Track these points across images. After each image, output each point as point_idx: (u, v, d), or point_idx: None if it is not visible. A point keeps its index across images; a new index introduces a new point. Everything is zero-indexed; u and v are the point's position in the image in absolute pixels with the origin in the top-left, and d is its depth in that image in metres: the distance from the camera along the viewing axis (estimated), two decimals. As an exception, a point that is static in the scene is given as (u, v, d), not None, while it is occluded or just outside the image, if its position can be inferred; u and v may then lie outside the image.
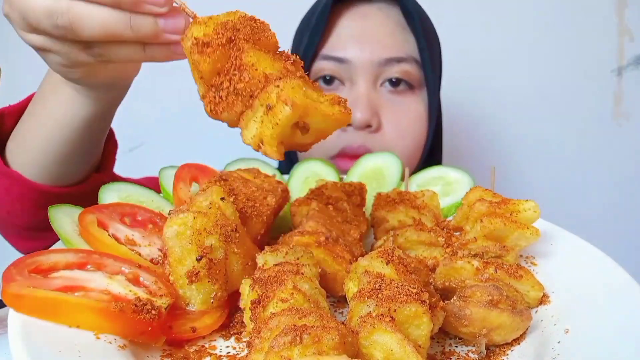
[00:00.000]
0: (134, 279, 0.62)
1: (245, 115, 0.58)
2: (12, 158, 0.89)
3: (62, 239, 0.69)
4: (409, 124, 1.24)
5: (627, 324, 0.59)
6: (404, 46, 1.23)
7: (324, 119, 0.56)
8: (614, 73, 1.98)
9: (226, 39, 0.56)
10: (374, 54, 1.20)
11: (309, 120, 0.56)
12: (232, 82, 0.58)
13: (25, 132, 0.87)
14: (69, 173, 0.89)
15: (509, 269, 0.67)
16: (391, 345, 0.50)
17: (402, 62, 1.21)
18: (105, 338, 0.55)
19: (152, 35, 0.60)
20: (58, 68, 0.70)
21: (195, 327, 0.61)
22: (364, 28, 1.23)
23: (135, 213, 0.75)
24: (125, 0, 0.58)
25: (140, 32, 0.60)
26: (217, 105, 0.59)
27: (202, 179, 0.85)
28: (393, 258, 0.61)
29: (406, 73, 1.22)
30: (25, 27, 0.63)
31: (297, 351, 0.45)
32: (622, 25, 1.93)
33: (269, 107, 0.55)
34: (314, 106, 0.55)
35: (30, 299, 0.54)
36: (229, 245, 0.65)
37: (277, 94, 0.54)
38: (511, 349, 0.63)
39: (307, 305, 0.55)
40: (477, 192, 0.80)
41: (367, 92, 1.20)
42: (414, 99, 1.25)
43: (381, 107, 1.22)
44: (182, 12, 0.60)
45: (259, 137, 0.57)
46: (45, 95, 0.82)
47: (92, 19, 0.59)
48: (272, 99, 0.55)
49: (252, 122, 0.57)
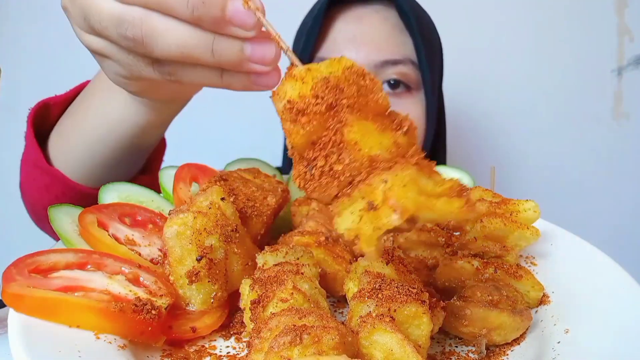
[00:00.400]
0: (134, 279, 0.62)
1: (341, 203, 0.48)
2: (55, 153, 0.83)
3: (62, 239, 0.69)
4: None
5: (627, 323, 0.59)
6: (401, 48, 1.22)
7: (440, 216, 0.46)
8: (614, 73, 1.98)
9: (326, 106, 0.47)
10: (370, 57, 1.19)
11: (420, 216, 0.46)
12: (327, 160, 0.48)
13: (72, 129, 0.80)
14: (113, 175, 0.84)
15: (509, 269, 0.67)
16: (391, 345, 0.50)
17: (398, 64, 1.21)
18: (105, 338, 0.55)
19: (235, 63, 0.52)
20: (115, 77, 0.62)
21: (195, 327, 0.61)
22: (360, 31, 1.22)
23: (135, 213, 0.75)
24: (208, 19, 0.49)
25: (222, 58, 0.51)
26: (307, 182, 0.50)
27: (202, 179, 0.85)
28: (393, 258, 0.61)
29: (403, 75, 1.22)
30: (86, 27, 0.56)
31: (297, 351, 0.45)
32: (622, 25, 1.93)
33: (373, 206, 0.45)
34: (428, 206, 0.45)
35: (30, 299, 0.54)
36: (229, 245, 0.65)
37: (383, 192, 0.44)
38: (511, 349, 0.63)
39: (307, 305, 0.55)
40: (477, 192, 0.80)
41: None
42: (411, 101, 1.25)
43: None
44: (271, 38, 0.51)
45: (355, 233, 0.47)
46: (98, 94, 0.75)
47: (169, 36, 0.50)
48: (377, 198, 0.45)
49: (348, 212, 0.47)
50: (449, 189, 0.46)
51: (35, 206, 0.90)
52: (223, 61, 0.52)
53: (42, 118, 0.86)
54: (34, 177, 0.85)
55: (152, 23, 0.50)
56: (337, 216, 0.49)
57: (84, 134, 0.79)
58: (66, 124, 0.83)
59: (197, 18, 0.49)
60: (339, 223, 0.48)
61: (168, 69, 0.55)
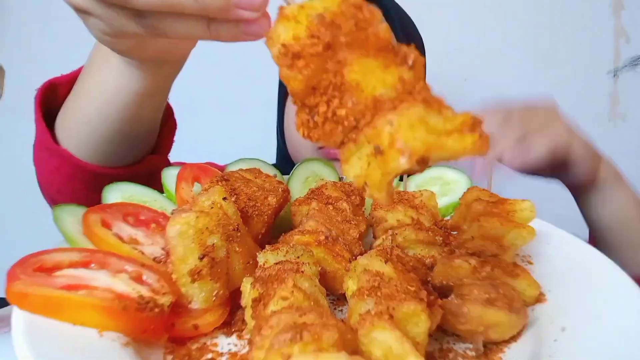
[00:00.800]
0: (137, 277, 0.63)
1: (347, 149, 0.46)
2: (62, 134, 0.81)
3: (66, 238, 0.70)
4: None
5: (623, 321, 0.60)
6: None
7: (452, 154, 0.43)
8: (610, 74, 1.99)
9: (323, 46, 0.44)
10: None
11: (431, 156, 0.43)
12: (330, 105, 0.46)
13: (74, 107, 0.78)
14: (121, 153, 0.82)
15: (506, 267, 0.68)
16: (390, 343, 0.50)
17: None
18: (109, 335, 0.55)
19: (221, 9, 0.48)
20: (100, 36, 0.59)
21: (198, 325, 0.62)
22: None
23: (138, 212, 0.76)
24: None
25: (207, 5, 0.48)
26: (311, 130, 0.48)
27: (204, 179, 0.86)
28: (392, 257, 0.62)
29: None
30: None
31: (297, 348, 0.45)
32: (618, 26, 1.94)
33: (379, 150, 0.43)
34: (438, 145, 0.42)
35: (34, 297, 0.54)
36: (231, 244, 0.65)
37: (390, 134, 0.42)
38: (508, 346, 0.64)
39: (307, 303, 0.56)
40: (474, 192, 0.81)
41: None
42: None
43: None
44: None
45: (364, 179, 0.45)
46: (94, 66, 0.73)
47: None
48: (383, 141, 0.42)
49: (355, 158, 0.46)
50: (461, 124, 0.43)
51: (49, 189, 0.87)
52: (208, 8, 0.48)
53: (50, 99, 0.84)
54: (45, 159, 0.83)
55: None
56: (344, 163, 0.47)
57: (85, 110, 0.76)
58: (69, 102, 0.80)
59: None
60: (346, 170, 0.47)
61: (151, 21, 0.51)
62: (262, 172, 0.86)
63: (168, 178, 0.88)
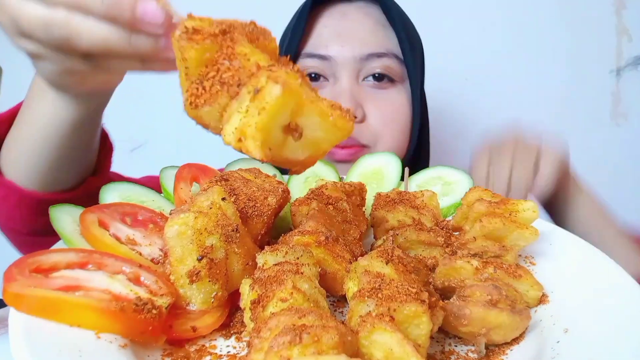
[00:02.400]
0: (135, 278, 0.62)
1: (229, 107, 0.50)
2: (6, 167, 0.89)
3: (63, 239, 0.69)
4: (393, 113, 1.27)
5: (626, 323, 0.59)
6: (384, 42, 1.27)
7: (322, 121, 0.49)
8: (612, 73, 1.99)
9: (220, 30, 0.50)
10: (355, 51, 1.24)
11: (302, 120, 0.48)
12: (219, 71, 0.51)
13: (16, 139, 0.86)
14: (63, 178, 0.89)
15: (508, 268, 0.68)
16: (391, 345, 0.50)
17: (382, 57, 1.25)
18: (106, 337, 0.55)
19: (152, 53, 0.58)
20: (48, 75, 0.68)
21: (196, 327, 0.61)
22: (344, 26, 1.27)
23: (136, 213, 0.75)
24: (121, 19, 0.55)
25: (140, 50, 0.57)
26: (198, 97, 0.52)
27: (203, 179, 0.85)
28: (393, 258, 0.61)
29: (387, 67, 1.26)
30: (17, 32, 0.61)
31: (296, 350, 0.45)
32: (620, 25, 1.94)
33: (257, 90, 0.47)
34: (309, 101, 0.48)
35: (31, 299, 0.54)
36: (230, 245, 0.65)
37: (268, 75, 0.46)
38: (510, 348, 0.63)
39: (307, 304, 0.55)
40: (476, 192, 0.80)
41: (350, 86, 1.24)
42: (395, 90, 1.29)
43: (364, 99, 1.25)
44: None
45: (240, 130, 0.48)
46: (31, 102, 0.82)
47: (91, 34, 0.56)
48: (261, 81, 0.47)
49: (235, 114, 0.49)
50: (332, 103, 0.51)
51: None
52: (141, 52, 0.58)
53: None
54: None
55: (75, 23, 0.56)
56: (224, 125, 0.50)
57: (26, 142, 0.84)
58: (12, 134, 0.88)
59: (113, 17, 0.55)
60: (226, 131, 0.50)
61: (95, 61, 0.62)
62: (262, 172, 0.85)
63: (166, 178, 0.88)
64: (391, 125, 1.26)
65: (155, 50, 0.57)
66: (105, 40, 0.57)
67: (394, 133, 1.27)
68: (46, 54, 0.61)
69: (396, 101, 1.28)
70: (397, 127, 1.28)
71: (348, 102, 1.21)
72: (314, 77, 1.28)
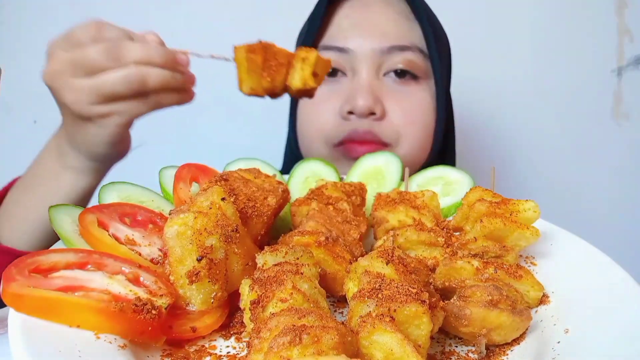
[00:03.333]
0: (134, 278, 0.62)
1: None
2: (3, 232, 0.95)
3: (63, 239, 0.69)
4: (416, 111, 1.20)
5: (627, 323, 0.59)
6: (408, 34, 1.20)
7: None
8: (613, 73, 1.98)
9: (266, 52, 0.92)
10: (376, 43, 1.17)
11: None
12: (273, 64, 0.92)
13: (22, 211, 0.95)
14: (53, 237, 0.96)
15: (509, 269, 0.67)
16: (391, 345, 0.50)
17: (405, 50, 1.18)
18: (106, 338, 0.55)
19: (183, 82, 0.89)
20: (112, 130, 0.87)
21: (196, 327, 0.61)
22: (365, 17, 1.21)
23: (135, 213, 0.75)
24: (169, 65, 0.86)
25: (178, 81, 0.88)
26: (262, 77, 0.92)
27: (203, 179, 0.85)
28: (393, 258, 0.61)
29: (410, 62, 1.19)
30: (97, 100, 0.82)
31: (296, 351, 0.45)
32: (622, 25, 1.93)
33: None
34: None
35: (31, 299, 0.54)
36: (230, 245, 0.65)
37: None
38: (511, 348, 0.63)
39: (307, 305, 0.55)
40: (477, 192, 0.80)
41: (369, 80, 1.17)
42: (418, 88, 1.21)
43: (384, 95, 1.18)
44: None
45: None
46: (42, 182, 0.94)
47: (156, 76, 0.83)
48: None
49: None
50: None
51: None
52: (179, 82, 0.88)
53: None
54: None
55: (145, 72, 0.83)
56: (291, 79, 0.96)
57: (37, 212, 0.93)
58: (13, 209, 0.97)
59: (164, 64, 0.85)
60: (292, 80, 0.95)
61: (153, 98, 0.87)
62: (262, 172, 0.85)
63: (166, 178, 0.87)
64: (414, 124, 1.19)
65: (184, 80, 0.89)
66: (162, 77, 0.84)
67: (417, 133, 1.19)
68: (120, 106, 0.84)
69: (420, 99, 1.20)
70: (420, 126, 1.20)
71: (367, 96, 1.14)
72: (331, 71, 1.19)
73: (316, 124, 1.23)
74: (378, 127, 1.17)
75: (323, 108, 1.21)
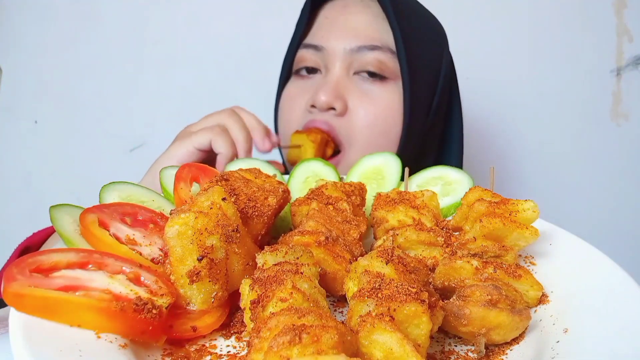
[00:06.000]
0: (135, 278, 0.62)
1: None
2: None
3: (63, 239, 0.69)
4: (379, 113, 1.23)
5: (626, 323, 0.59)
6: (381, 35, 1.23)
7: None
8: (613, 73, 1.98)
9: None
10: (347, 42, 1.22)
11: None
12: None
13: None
14: None
15: (508, 268, 0.68)
16: (391, 345, 0.50)
17: (375, 49, 1.21)
18: (106, 337, 0.55)
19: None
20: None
21: (196, 327, 0.61)
22: (343, 18, 1.26)
23: (136, 213, 0.75)
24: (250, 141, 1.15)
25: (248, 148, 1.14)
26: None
27: (203, 179, 0.85)
28: (393, 258, 0.61)
29: (380, 63, 1.22)
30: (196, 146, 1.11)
31: (296, 350, 0.45)
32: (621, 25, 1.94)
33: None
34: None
35: (32, 299, 0.54)
36: (230, 245, 0.65)
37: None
38: (510, 348, 0.63)
39: (307, 304, 0.55)
40: (476, 192, 0.80)
41: (337, 78, 1.23)
42: (385, 88, 1.24)
43: (350, 93, 1.23)
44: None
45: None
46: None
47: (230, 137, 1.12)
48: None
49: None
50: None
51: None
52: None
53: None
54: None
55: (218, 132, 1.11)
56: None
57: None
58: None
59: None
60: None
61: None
62: (262, 172, 0.85)
63: (166, 178, 0.88)
64: (373, 127, 1.22)
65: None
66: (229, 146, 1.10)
67: (373, 137, 1.22)
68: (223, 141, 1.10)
69: (386, 100, 1.22)
70: (379, 130, 1.22)
71: (328, 92, 1.19)
72: (310, 69, 1.28)
73: (286, 116, 1.33)
74: (336, 122, 1.23)
75: (295, 102, 1.30)
